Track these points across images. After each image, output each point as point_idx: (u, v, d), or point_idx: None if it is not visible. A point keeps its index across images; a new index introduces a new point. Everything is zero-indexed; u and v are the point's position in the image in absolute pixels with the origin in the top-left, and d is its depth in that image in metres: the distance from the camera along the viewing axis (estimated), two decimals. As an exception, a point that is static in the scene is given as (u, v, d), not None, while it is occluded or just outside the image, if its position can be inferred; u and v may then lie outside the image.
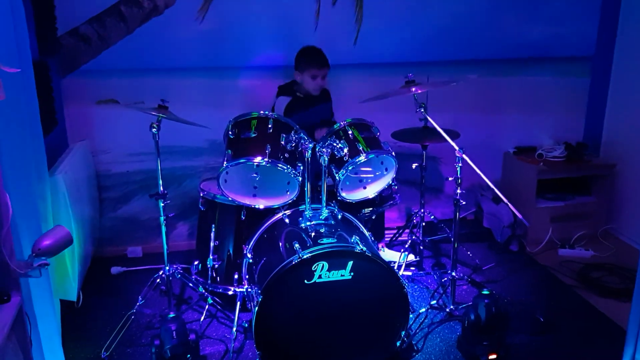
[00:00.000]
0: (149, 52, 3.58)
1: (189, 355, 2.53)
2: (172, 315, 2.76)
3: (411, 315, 2.68)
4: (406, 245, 3.62)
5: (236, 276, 3.00)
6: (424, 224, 3.64)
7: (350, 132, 2.93)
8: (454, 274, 3.08)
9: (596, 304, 3.24)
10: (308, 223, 2.72)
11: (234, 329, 2.85)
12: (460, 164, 2.90)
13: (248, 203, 2.88)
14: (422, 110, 3.12)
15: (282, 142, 2.80)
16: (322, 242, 2.48)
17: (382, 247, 3.65)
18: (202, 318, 3.08)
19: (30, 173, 2.24)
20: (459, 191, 2.93)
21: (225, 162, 2.74)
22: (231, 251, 3.13)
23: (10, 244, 1.66)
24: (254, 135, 2.81)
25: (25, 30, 2.33)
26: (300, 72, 3.44)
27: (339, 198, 2.93)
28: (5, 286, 1.67)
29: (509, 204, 2.91)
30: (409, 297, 2.57)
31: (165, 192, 2.96)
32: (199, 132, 3.19)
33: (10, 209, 1.65)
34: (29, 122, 2.31)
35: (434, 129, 3.03)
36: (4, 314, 1.61)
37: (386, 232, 3.85)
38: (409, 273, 3.55)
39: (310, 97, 3.50)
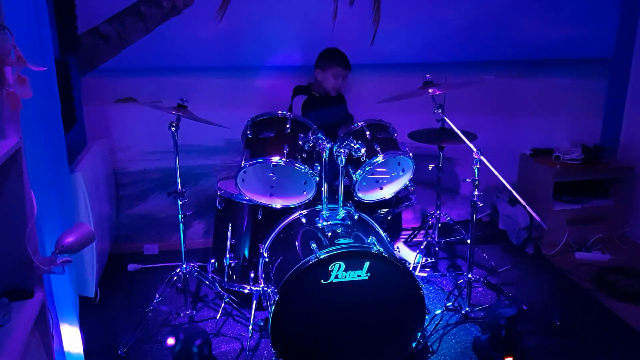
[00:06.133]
0: (168, 52, 3.61)
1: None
2: (188, 312, 2.78)
3: (426, 317, 2.68)
4: (421, 247, 3.62)
5: (252, 275, 3.02)
6: (439, 225, 3.63)
7: (367, 132, 2.94)
8: (470, 275, 3.07)
9: (613, 308, 3.22)
10: (325, 223, 2.73)
11: (250, 327, 2.87)
12: (477, 166, 2.89)
13: (265, 202, 2.89)
14: (440, 111, 3.11)
15: (300, 142, 2.81)
16: (338, 242, 2.48)
17: (397, 247, 3.64)
18: (218, 316, 3.10)
19: (52, 170, 2.27)
20: (476, 193, 2.92)
21: (243, 162, 2.75)
22: (247, 250, 3.14)
23: (35, 241, 1.68)
24: (271, 135, 2.82)
25: (48, 30, 2.36)
26: (323, 70, 3.48)
27: (355, 198, 2.94)
28: (29, 282, 1.70)
29: (527, 207, 2.90)
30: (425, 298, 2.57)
31: (184, 190, 2.98)
32: (215, 131, 3.20)
33: (35, 207, 1.67)
34: (51, 120, 2.34)
35: (451, 130, 3.02)
36: (28, 310, 1.64)
37: (402, 232, 3.84)
38: (424, 274, 3.54)
39: (326, 97, 3.52)
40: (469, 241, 3.09)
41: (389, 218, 3.36)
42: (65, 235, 1.72)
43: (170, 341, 2.50)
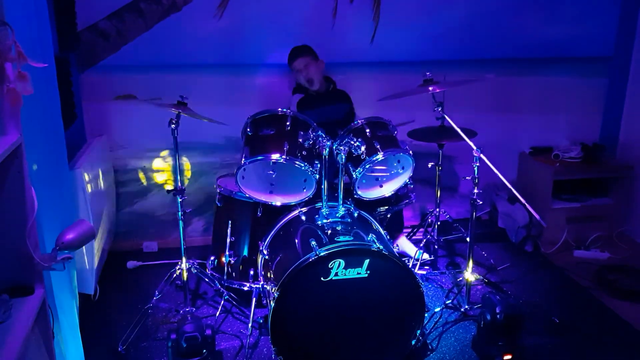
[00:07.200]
0: (167, 49, 3.61)
1: (204, 351, 2.54)
2: (188, 309, 2.77)
3: (426, 315, 2.69)
4: (421, 244, 3.62)
5: (252, 272, 3.02)
6: (439, 223, 3.63)
7: (367, 130, 2.93)
8: (469, 273, 3.07)
9: (612, 306, 3.22)
10: (324, 220, 2.72)
11: (250, 324, 2.87)
12: (477, 164, 2.89)
13: (265, 200, 2.89)
14: (440, 109, 3.11)
15: (300, 140, 2.81)
16: (338, 239, 2.49)
17: (396, 245, 3.64)
18: (218, 313, 3.10)
19: (52, 167, 2.27)
20: (476, 191, 2.92)
21: (243, 159, 2.75)
22: (247, 247, 3.14)
23: (35, 238, 1.68)
24: (271, 132, 2.82)
25: (48, 26, 2.35)
26: (291, 71, 3.57)
27: (355, 196, 2.94)
28: (29, 279, 1.69)
29: (527, 205, 2.90)
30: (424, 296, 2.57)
31: (183, 187, 2.98)
32: (215, 128, 3.20)
33: (36, 203, 1.67)
34: (51, 117, 2.34)
35: (451, 128, 3.02)
36: (29, 307, 1.63)
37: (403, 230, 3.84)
38: (424, 272, 3.55)
39: (322, 95, 3.52)
40: (468, 239, 3.09)
41: (389, 216, 3.37)
42: (65, 232, 1.72)
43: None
